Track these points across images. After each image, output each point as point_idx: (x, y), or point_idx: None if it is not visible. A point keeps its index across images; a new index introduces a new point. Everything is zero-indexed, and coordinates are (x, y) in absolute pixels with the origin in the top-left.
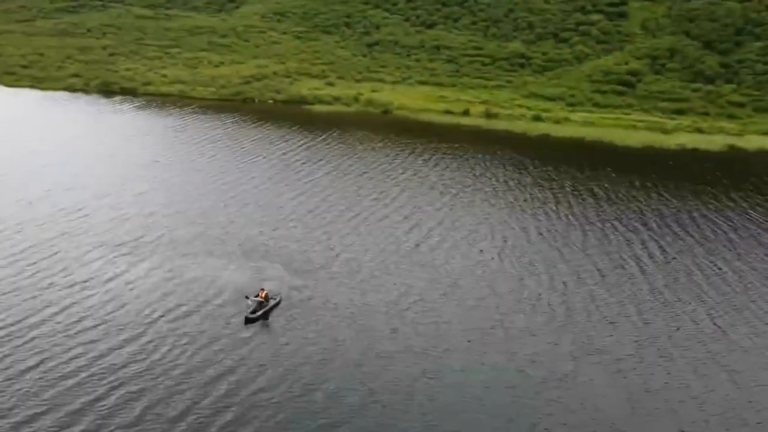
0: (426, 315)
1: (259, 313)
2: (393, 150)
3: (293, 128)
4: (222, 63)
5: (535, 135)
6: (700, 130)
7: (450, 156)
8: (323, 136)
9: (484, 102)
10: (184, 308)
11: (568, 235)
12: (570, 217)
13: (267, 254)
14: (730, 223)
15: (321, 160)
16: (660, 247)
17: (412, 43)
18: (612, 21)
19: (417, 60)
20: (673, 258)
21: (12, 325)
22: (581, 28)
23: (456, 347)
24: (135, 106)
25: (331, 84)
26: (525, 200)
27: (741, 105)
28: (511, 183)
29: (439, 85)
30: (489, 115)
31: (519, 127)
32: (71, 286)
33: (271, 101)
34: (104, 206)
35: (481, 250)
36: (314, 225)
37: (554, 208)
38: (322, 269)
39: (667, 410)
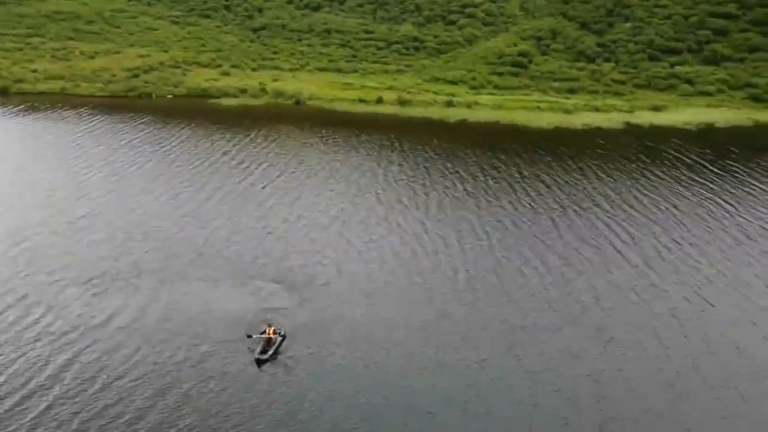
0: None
1: (270, 352)
2: (331, 146)
3: (213, 127)
4: (96, 53)
5: (454, 121)
6: (597, 109)
7: (391, 149)
8: (250, 135)
9: (389, 88)
10: (184, 352)
11: (537, 222)
12: (538, 203)
13: (263, 276)
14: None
15: (264, 162)
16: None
17: (300, 27)
18: (495, 3)
19: (309, 45)
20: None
21: (13, 393)
22: (467, 10)
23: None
24: (17, 109)
25: (226, 74)
26: (487, 191)
27: (622, 83)
28: (467, 174)
29: (339, 71)
30: (402, 102)
31: (435, 113)
32: (61, 335)
33: (170, 96)
34: (46, 235)
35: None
36: (300, 237)
37: (515, 197)
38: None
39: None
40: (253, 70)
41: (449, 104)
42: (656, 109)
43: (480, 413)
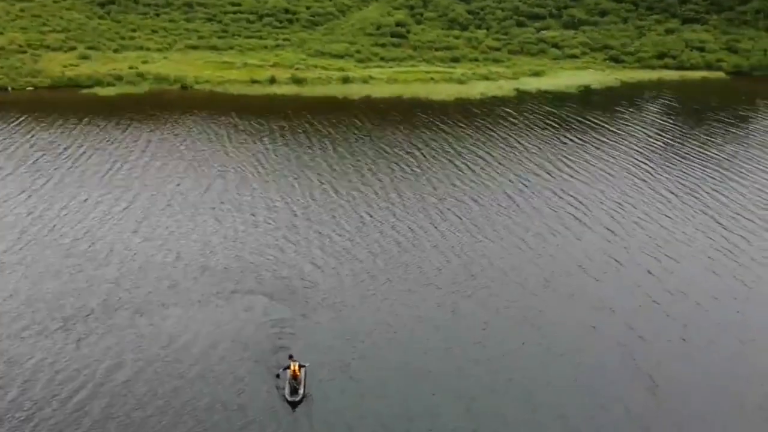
0: None
1: (301, 391)
2: (246, 134)
3: (100, 122)
4: None
5: (358, 98)
6: (486, 78)
7: (317, 132)
8: (161, 130)
9: (274, 65)
10: (207, 398)
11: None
12: (485, 178)
13: (247, 288)
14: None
15: (174, 158)
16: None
17: (156, 1)
18: None
19: (171, 20)
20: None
21: None
22: None
23: None
24: None
25: (85, 57)
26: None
27: (498, 49)
28: (405, 153)
29: (214, 48)
30: (297, 81)
31: (336, 91)
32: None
33: (31, 88)
34: None
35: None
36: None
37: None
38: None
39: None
40: (115, 51)
41: (346, 80)
42: (536, 74)
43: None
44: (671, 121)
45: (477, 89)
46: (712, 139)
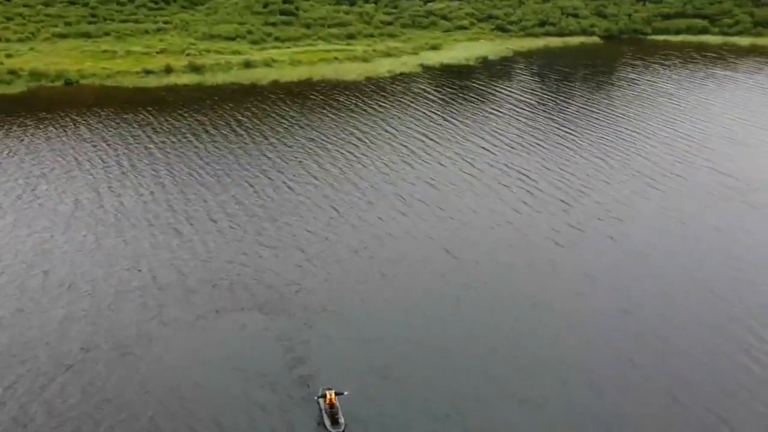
0: None
1: (342, 420)
2: (158, 133)
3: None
4: None
5: (267, 83)
6: (388, 54)
7: (238, 123)
8: (53, 134)
9: (162, 51)
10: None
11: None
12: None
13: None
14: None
15: (80, 161)
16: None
17: None
18: None
19: (29, 6)
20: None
21: None
22: None
23: None
24: None
25: None
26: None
27: (390, 23)
28: (352, 137)
29: (87, 36)
30: (196, 69)
31: (241, 77)
32: None
33: None
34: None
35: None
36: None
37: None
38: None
39: None
40: None
41: (248, 65)
42: (434, 48)
43: None
44: (562, 86)
45: (383, 67)
46: (593, 98)
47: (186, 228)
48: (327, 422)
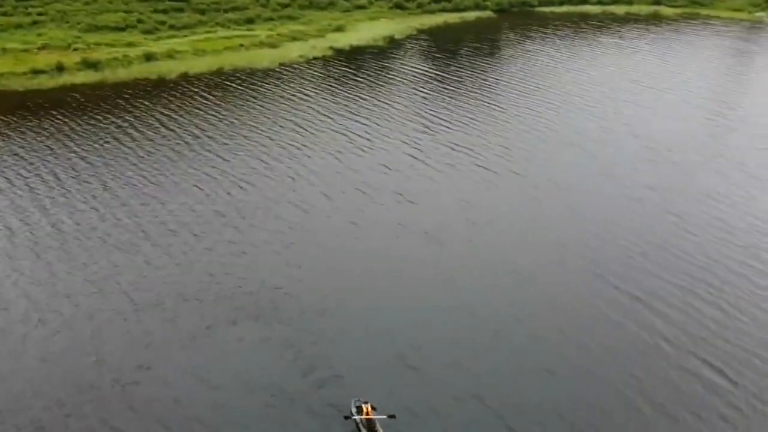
0: None
1: None
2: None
3: None
4: None
5: (176, 77)
6: (294, 38)
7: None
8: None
9: (43, 47)
10: None
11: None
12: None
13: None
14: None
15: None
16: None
17: None
18: None
19: None
20: None
21: None
22: None
23: None
24: None
25: None
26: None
27: (287, 5)
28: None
29: None
30: (92, 65)
31: (144, 71)
32: None
33: None
34: None
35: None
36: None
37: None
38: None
39: None
40: None
41: (149, 58)
42: (339, 29)
43: None
44: (474, 61)
45: (294, 51)
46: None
47: (145, 243)
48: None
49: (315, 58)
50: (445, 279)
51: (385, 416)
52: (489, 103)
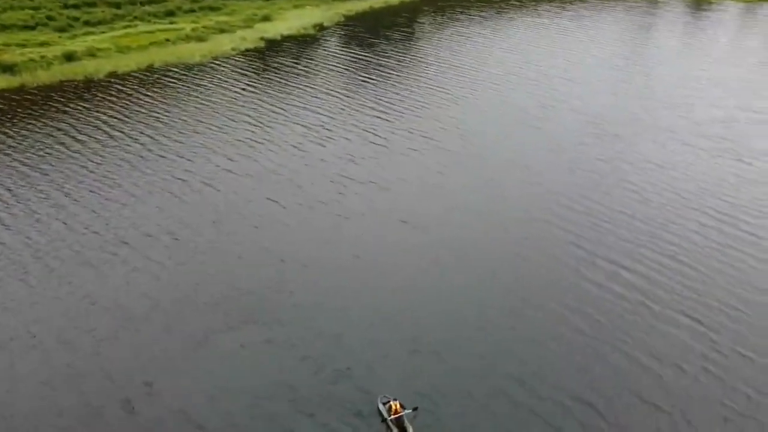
0: None
1: (411, 430)
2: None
3: None
4: None
5: (104, 76)
6: (222, 30)
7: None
8: None
9: None
10: None
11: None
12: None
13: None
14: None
15: None
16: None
17: None
18: None
19: None
20: None
21: None
22: None
23: None
24: None
25: None
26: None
27: None
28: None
29: None
30: (7, 69)
31: (67, 72)
32: None
33: None
34: None
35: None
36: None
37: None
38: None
39: None
40: None
41: (69, 58)
42: (266, 19)
43: None
44: (409, 44)
45: (224, 44)
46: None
47: (125, 250)
48: (393, 428)
49: (248, 50)
50: (431, 261)
51: (410, 410)
52: (432, 86)
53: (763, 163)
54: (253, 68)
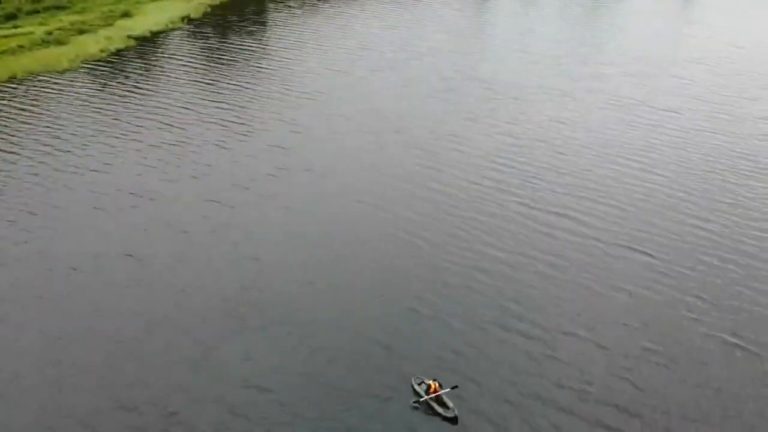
0: None
1: (451, 405)
2: None
3: None
4: None
5: None
6: (81, 31)
7: None
8: None
9: None
10: None
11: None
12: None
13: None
14: None
15: None
16: None
17: None
18: None
19: None
20: None
21: None
22: None
23: None
24: None
25: None
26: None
27: None
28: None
29: None
30: None
31: None
32: None
33: None
34: None
35: None
36: None
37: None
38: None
39: None
40: None
41: None
42: (126, 15)
43: None
44: (290, 29)
45: (90, 47)
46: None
47: (78, 275)
48: (439, 410)
49: (119, 50)
50: (398, 240)
51: (449, 389)
52: (336, 69)
53: (637, 106)
54: (135, 69)
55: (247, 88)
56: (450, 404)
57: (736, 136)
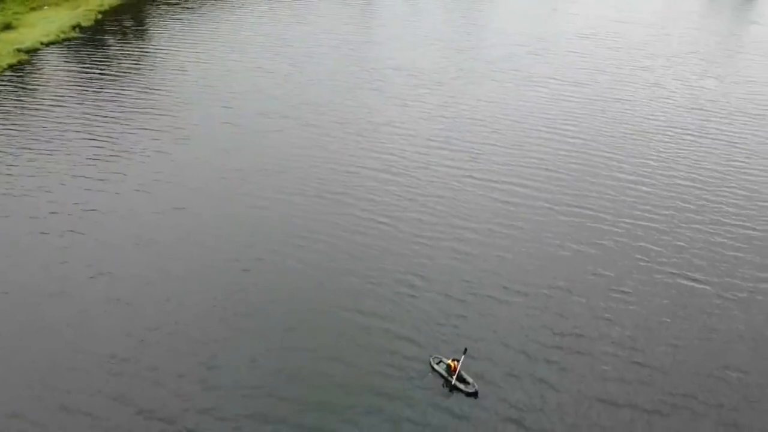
0: None
1: (471, 381)
2: None
3: None
4: None
5: None
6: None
7: None
8: None
9: None
10: None
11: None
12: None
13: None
14: None
15: None
16: None
17: None
18: None
19: None
20: None
21: None
22: None
23: None
24: None
25: None
26: None
27: None
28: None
29: None
30: None
31: None
32: None
33: None
34: None
35: None
36: None
37: None
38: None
39: None
40: None
41: None
42: (7, 27)
43: None
44: (196, 29)
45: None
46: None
47: (94, 290)
48: (460, 386)
49: (12, 66)
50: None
51: (462, 358)
52: (256, 67)
53: (547, 81)
54: (34, 84)
55: (169, 92)
56: (470, 379)
57: (636, 101)
